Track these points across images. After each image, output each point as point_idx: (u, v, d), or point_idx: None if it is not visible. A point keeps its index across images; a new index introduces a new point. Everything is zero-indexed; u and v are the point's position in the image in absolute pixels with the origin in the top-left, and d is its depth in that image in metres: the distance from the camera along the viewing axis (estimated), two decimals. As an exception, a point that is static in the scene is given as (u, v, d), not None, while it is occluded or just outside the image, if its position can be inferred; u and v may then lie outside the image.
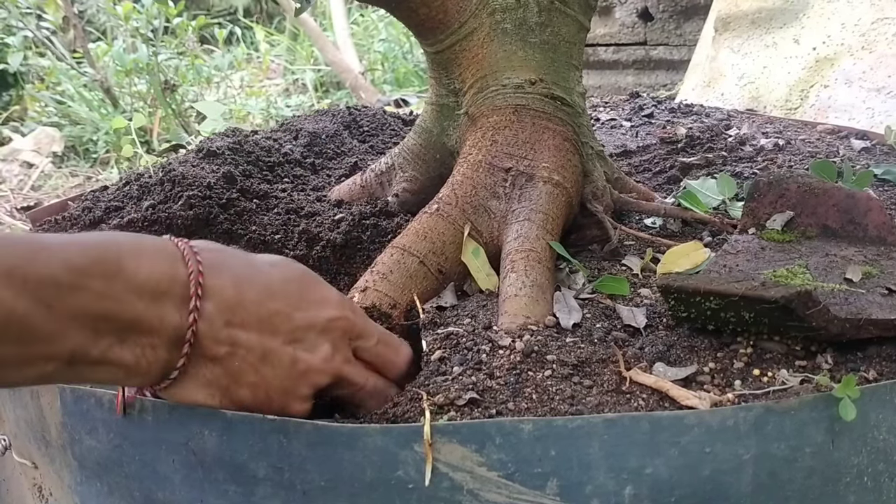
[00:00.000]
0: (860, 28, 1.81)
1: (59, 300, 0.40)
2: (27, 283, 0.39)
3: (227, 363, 0.48)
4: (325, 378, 0.52)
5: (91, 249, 0.42)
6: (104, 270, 0.42)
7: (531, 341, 0.57)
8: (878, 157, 1.16)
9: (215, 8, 5.15)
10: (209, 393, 0.48)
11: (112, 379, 0.45)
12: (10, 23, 3.33)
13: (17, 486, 0.76)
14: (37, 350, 0.40)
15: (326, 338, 0.52)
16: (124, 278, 0.43)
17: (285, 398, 0.50)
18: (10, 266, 0.38)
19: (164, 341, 0.45)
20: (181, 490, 0.51)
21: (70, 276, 0.40)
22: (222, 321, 0.47)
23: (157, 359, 0.45)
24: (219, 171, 0.94)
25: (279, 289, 0.50)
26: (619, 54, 2.89)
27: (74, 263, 0.41)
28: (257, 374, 0.49)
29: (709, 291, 0.55)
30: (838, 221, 0.72)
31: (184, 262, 0.46)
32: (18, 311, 0.38)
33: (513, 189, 0.76)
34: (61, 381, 0.43)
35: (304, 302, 0.51)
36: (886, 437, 0.48)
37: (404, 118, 1.43)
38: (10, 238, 0.40)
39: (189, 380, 0.47)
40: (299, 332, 0.50)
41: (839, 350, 0.55)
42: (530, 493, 0.45)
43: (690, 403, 0.50)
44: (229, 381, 0.48)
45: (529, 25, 0.82)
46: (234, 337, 0.48)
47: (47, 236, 0.43)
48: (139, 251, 0.44)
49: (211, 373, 0.48)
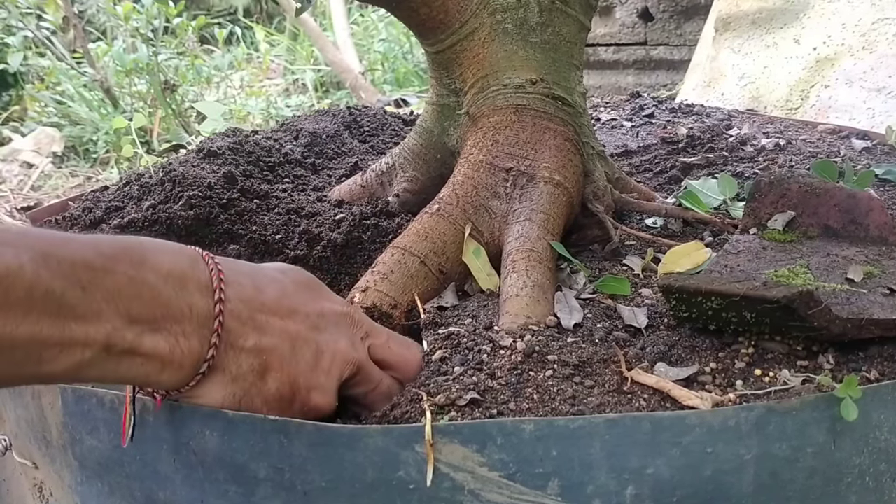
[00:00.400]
0: (861, 28, 1.81)
1: (92, 282, 0.41)
2: (62, 265, 0.40)
3: (257, 355, 0.48)
4: (349, 368, 0.52)
5: (117, 242, 0.44)
6: (131, 259, 0.43)
7: (532, 341, 0.56)
8: (879, 157, 1.15)
9: (215, 8, 5.16)
10: (232, 391, 0.48)
11: (147, 373, 0.44)
12: (10, 23, 3.33)
13: (18, 487, 0.76)
14: (74, 332, 0.40)
15: (343, 330, 0.53)
16: (150, 267, 0.44)
17: (309, 391, 0.50)
18: (45, 249, 0.40)
19: (194, 328, 0.45)
20: (182, 490, 0.51)
21: (101, 261, 0.42)
22: (247, 311, 0.48)
23: (191, 349, 0.45)
24: (219, 171, 0.94)
25: (291, 290, 0.52)
26: (619, 54, 2.89)
27: (104, 251, 0.43)
28: (285, 364, 0.49)
29: (710, 291, 0.55)
30: (840, 221, 0.72)
31: (203, 261, 0.48)
32: (55, 290, 0.39)
33: (514, 189, 0.76)
34: (98, 374, 0.43)
35: (315, 300, 0.53)
36: (888, 437, 0.48)
37: (405, 118, 1.43)
38: (39, 230, 0.42)
39: (216, 375, 0.47)
40: (320, 323, 0.52)
41: (841, 350, 0.55)
42: (531, 494, 0.45)
43: (692, 404, 0.50)
44: (256, 375, 0.48)
45: (530, 25, 0.82)
46: (261, 325, 0.48)
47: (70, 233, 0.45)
48: (159, 248, 0.46)
49: (239, 366, 0.48)
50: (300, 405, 0.50)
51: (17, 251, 0.38)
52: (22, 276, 0.38)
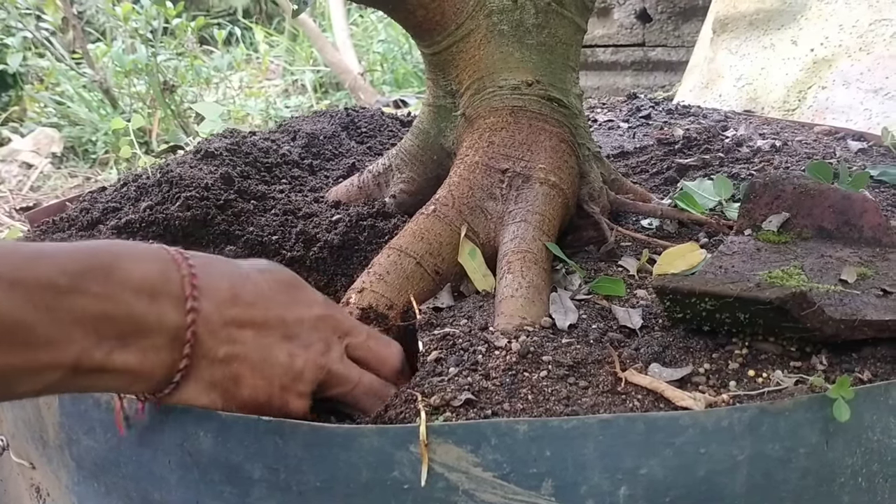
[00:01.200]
0: (858, 29, 1.81)
1: (58, 305, 0.40)
2: (29, 291, 0.39)
3: (228, 364, 0.48)
4: (321, 373, 0.52)
5: (84, 255, 0.43)
6: (99, 274, 0.43)
7: (527, 342, 0.57)
8: (874, 158, 1.16)
9: (215, 9, 5.16)
10: (211, 397, 0.49)
11: (118, 386, 0.45)
12: (9, 23, 3.33)
13: (15, 487, 0.76)
14: (42, 357, 0.40)
15: (318, 335, 0.53)
16: (120, 280, 0.43)
17: (285, 396, 0.51)
18: (11, 275, 0.39)
19: (165, 341, 0.45)
20: (177, 491, 0.51)
21: (67, 281, 0.41)
22: (220, 321, 0.48)
23: (161, 361, 0.45)
24: (216, 172, 0.94)
25: (269, 292, 0.52)
26: (617, 55, 2.89)
27: (70, 268, 0.42)
28: (258, 373, 0.49)
29: (704, 292, 0.55)
30: (834, 223, 0.72)
31: (176, 265, 0.47)
32: (24, 319, 0.39)
33: (509, 190, 0.77)
34: (68, 390, 0.43)
35: (293, 303, 0.53)
36: (881, 437, 0.48)
37: (402, 119, 1.43)
38: (6, 247, 0.41)
39: (192, 383, 0.48)
40: (293, 329, 0.52)
41: (834, 351, 0.55)
42: (525, 494, 0.45)
43: (685, 404, 0.50)
44: (230, 383, 0.49)
45: (526, 27, 0.82)
46: (233, 336, 0.48)
47: (41, 245, 0.43)
48: (132, 255, 0.45)
49: (212, 375, 0.48)
50: (276, 410, 0.50)
51: None
52: None
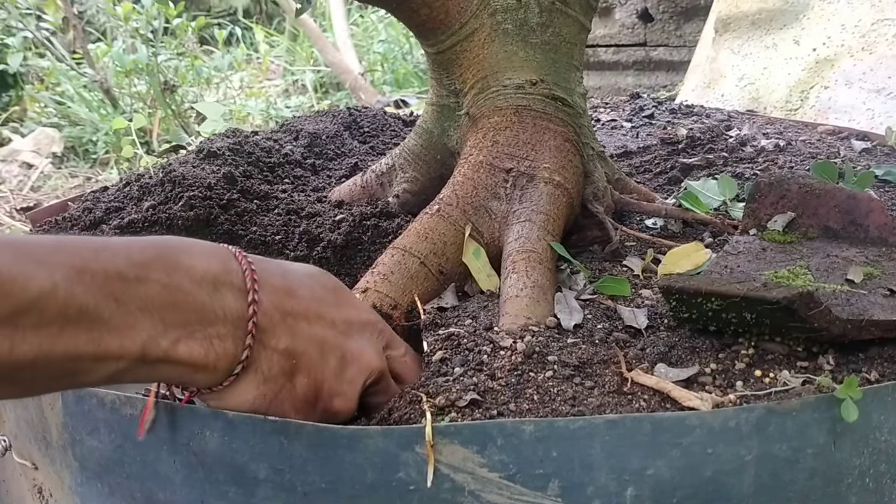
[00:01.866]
0: (860, 29, 1.81)
1: (125, 293, 0.41)
2: (95, 279, 0.40)
3: (288, 356, 0.48)
4: (373, 374, 0.52)
5: (148, 247, 0.44)
6: (164, 265, 0.43)
7: (532, 342, 0.56)
8: (878, 157, 1.16)
9: (215, 9, 5.15)
10: (263, 392, 0.48)
11: (179, 377, 0.45)
12: (9, 23, 3.33)
13: (17, 488, 0.76)
14: (110, 344, 0.40)
15: (367, 338, 0.53)
16: (184, 271, 0.44)
17: (332, 396, 0.51)
18: (78, 265, 0.40)
19: (229, 331, 0.46)
20: (182, 491, 0.51)
21: (134, 270, 0.42)
22: (279, 312, 0.48)
23: (225, 351, 0.45)
24: (219, 172, 0.94)
25: (320, 294, 0.52)
26: (619, 55, 2.89)
27: (136, 259, 0.43)
28: (313, 368, 0.49)
29: (710, 292, 0.55)
30: (840, 222, 0.72)
31: (236, 259, 0.48)
32: (89, 305, 0.39)
33: (514, 190, 0.76)
34: (131, 380, 0.43)
35: (341, 304, 0.53)
36: (888, 438, 0.48)
37: (404, 119, 1.43)
38: (72, 239, 0.42)
39: (249, 375, 0.47)
40: (343, 329, 0.52)
41: (841, 351, 0.55)
42: (531, 495, 0.45)
43: (692, 404, 0.50)
44: (285, 377, 0.49)
45: (530, 26, 0.82)
46: (291, 327, 0.49)
47: (106, 238, 0.44)
48: (192, 249, 0.46)
49: (270, 368, 0.48)
50: (322, 409, 0.50)
51: (49, 270, 0.38)
52: (55, 296, 0.38)
